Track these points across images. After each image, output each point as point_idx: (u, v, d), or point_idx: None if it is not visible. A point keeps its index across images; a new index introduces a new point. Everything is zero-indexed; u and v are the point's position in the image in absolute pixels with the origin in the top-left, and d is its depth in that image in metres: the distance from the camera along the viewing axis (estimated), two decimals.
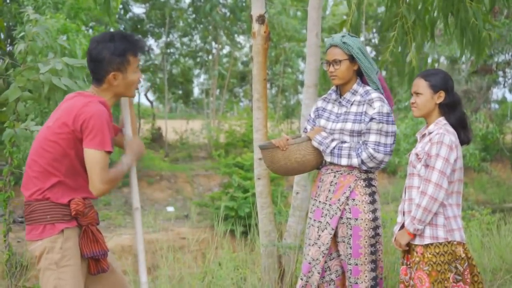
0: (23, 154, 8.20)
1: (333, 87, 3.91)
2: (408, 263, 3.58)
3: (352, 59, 3.71)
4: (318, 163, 3.83)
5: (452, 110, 3.55)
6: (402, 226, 3.59)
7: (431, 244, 3.41)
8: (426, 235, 3.43)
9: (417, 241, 3.46)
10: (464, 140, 3.55)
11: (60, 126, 2.98)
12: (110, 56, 3.08)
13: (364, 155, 3.61)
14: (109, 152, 2.99)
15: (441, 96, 3.54)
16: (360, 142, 3.68)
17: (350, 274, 3.68)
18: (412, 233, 3.44)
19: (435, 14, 5.11)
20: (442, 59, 19.28)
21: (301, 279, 3.78)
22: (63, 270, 2.97)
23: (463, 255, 3.44)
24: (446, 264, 3.39)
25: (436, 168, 3.36)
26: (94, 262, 3.11)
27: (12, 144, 4.79)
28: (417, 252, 3.45)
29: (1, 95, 4.60)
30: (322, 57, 5.27)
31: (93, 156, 2.94)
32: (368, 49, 24.67)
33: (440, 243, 3.41)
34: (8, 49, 14.44)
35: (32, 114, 9.45)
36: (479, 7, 4.84)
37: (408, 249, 3.58)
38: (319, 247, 3.73)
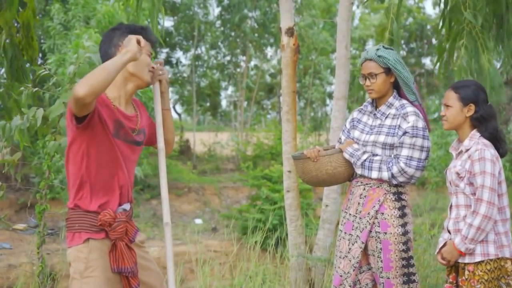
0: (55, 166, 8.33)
1: (369, 99, 3.89)
2: (455, 282, 3.49)
3: (388, 71, 3.67)
4: (350, 175, 3.81)
5: (485, 123, 3.42)
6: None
7: (482, 261, 3.32)
8: (476, 253, 3.33)
9: (467, 260, 3.36)
10: (500, 153, 3.40)
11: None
12: (121, 32, 3.04)
13: (395, 169, 3.58)
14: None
15: (471, 109, 3.42)
16: (392, 155, 3.65)
17: (383, 287, 3.66)
18: (464, 252, 3.35)
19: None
20: None
21: None
22: (86, 281, 2.91)
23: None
24: (496, 280, 3.31)
25: (485, 185, 3.26)
26: (126, 278, 3.01)
27: (51, 158, 4.89)
28: (468, 271, 3.35)
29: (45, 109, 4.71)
30: (353, 69, 5.24)
31: None
32: None
33: (491, 260, 3.31)
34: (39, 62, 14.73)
35: None
36: None
37: (456, 268, 3.48)
38: (350, 260, 3.71)
